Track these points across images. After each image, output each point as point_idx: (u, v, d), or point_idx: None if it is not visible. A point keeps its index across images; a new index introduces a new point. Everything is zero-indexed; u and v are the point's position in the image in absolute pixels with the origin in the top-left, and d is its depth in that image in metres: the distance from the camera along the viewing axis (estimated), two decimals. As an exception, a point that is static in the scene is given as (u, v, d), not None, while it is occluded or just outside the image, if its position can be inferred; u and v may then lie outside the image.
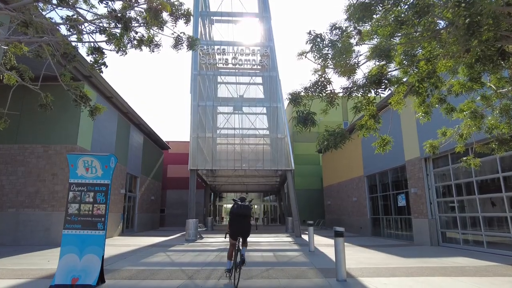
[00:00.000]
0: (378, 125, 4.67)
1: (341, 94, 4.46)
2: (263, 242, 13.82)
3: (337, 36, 4.28)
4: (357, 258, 9.26)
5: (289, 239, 15.52)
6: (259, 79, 20.39)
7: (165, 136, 54.52)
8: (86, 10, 4.76)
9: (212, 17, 22.03)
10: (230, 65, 18.53)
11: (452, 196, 12.15)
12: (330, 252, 10.37)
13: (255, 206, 38.04)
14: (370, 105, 4.49)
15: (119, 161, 17.46)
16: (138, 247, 12.11)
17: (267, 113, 18.99)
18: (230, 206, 26.00)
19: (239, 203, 6.10)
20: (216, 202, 37.60)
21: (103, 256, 5.61)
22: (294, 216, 17.16)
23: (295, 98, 4.32)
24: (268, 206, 41.29)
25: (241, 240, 6.03)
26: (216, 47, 18.73)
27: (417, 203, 13.77)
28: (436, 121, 12.73)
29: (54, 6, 4.57)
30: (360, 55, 4.44)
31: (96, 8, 4.95)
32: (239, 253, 5.91)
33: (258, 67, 18.88)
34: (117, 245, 12.78)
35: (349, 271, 7.04)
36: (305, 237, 16.50)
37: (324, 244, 13.17)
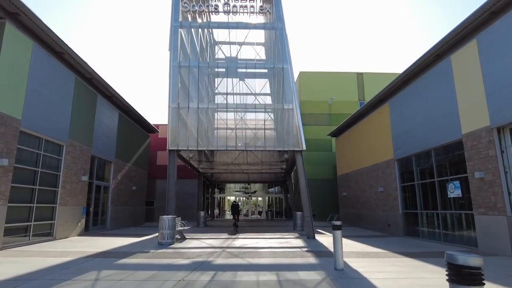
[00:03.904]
0: None
1: None
2: (263, 250, 9.65)
3: None
4: (421, 284, 5.16)
5: (299, 242, 11.46)
6: (261, 37, 16.09)
7: (154, 120, 50.17)
8: None
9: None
10: (221, 14, 14.19)
11: (551, 182, 7.94)
12: (370, 271, 6.26)
13: (259, 199, 38.75)
14: None
15: (77, 138, 13.44)
16: (80, 256, 8.16)
17: (270, 78, 14.68)
18: (232, 198, 37.46)
19: (234, 203, 17.61)
20: (214, 194, 33.58)
21: None
22: (305, 211, 13.04)
23: None
24: (272, 199, 37.35)
25: (236, 216, 16.30)
26: (203, -9, 14.38)
27: (484, 193, 9.59)
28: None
29: None
30: None
31: None
32: (235, 223, 16.05)
33: (259, 15, 14.46)
34: (50, 252, 8.82)
35: None
36: (320, 238, 12.43)
37: (350, 251, 9.07)
